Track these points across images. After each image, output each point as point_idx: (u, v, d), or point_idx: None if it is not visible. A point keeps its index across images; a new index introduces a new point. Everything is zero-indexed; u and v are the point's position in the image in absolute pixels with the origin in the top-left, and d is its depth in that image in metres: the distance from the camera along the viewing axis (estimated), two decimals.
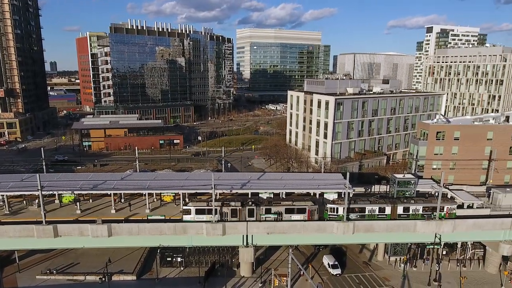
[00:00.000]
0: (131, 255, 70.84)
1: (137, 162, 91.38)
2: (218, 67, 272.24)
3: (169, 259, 69.22)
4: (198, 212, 65.07)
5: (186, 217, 64.85)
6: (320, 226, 64.54)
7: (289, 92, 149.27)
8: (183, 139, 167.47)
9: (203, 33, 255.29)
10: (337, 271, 67.80)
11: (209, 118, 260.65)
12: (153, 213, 69.00)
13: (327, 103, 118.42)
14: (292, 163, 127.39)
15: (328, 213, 66.51)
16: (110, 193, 70.21)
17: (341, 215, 65.56)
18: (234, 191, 72.06)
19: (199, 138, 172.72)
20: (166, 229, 62.46)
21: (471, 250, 74.63)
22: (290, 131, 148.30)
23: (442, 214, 68.08)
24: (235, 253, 69.78)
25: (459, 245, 74.92)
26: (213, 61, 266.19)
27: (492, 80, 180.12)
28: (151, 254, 71.84)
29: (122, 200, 75.46)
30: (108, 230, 61.00)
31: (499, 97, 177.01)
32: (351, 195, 68.33)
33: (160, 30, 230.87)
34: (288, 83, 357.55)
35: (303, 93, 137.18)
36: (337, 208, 65.75)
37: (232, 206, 65.54)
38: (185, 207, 65.75)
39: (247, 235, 64.45)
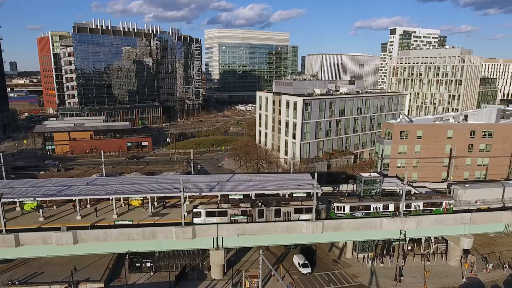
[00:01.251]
0: (98, 262, 69.07)
1: (103, 165, 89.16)
2: (186, 68, 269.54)
3: (138, 264, 67.98)
4: (209, 214, 65.03)
5: (196, 220, 64.73)
6: (289, 227, 65.27)
7: (258, 93, 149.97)
8: (152, 141, 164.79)
9: (170, 33, 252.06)
10: (307, 270, 68.82)
11: (178, 119, 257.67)
12: (121, 218, 67.63)
13: (295, 103, 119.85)
14: (262, 164, 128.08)
15: (335, 212, 68.18)
16: (75, 199, 68.22)
17: (347, 213, 67.47)
18: (203, 194, 71.86)
19: (168, 139, 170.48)
20: (135, 234, 61.34)
21: (434, 244, 77.61)
22: (260, 132, 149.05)
23: (441, 209, 71.58)
24: (206, 256, 69.52)
25: (423, 240, 77.74)
26: (181, 62, 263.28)
27: (452, 81, 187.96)
28: (120, 260, 70.33)
29: (88, 206, 73.44)
30: (73, 238, 59.25)
31: (459, 96, 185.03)
32: (319, 195, 69.52)
33: (126, 30, 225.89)
34: (258, 84, 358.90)
35: (272, 94, 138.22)
36: (344, 207, 67.70)
37: (242, 207, 65.76)
38: (195, 210, 65.50)
39: (217, 238, 64.29)
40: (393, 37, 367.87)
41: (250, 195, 71.74)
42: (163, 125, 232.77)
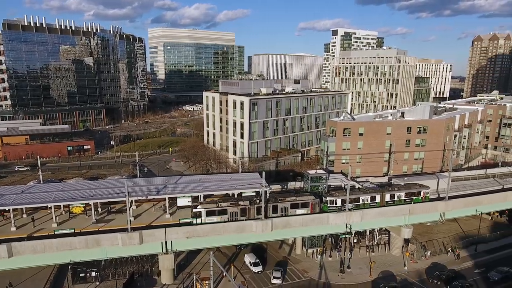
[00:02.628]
0: (38, 274, 64.67)
1: (40, 172, 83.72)
2: (130, 68, 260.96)
3: (83, 274, 64.61)
4: (209, 213, 65.09)
5: (197, 220, 64.63)
6: (239, 226, 65.31)
7: (205, 93, 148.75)
8: (95, 144, 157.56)
9: (112, 32, 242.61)
10: (259, 269, 69.32)
11: (123, 121, 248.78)
12: (61, 227, 63.86)
13: (242, 103, 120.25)
14: (211, 164, 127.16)
15: (328, 205, 71.14)
16: (9, 209, 63.42)
17: (341, 206, 70.76)
18: (150, 197, 69.94)
19: (112, 142, 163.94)
20: (77, 243, 58.20)
21: (378, 236, 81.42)
22: (208, 132, 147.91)
23: (420, 198, 76.56)
24: (155, 261, 67.71)
25: (367, 233, 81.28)
26: (124, 61, 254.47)
27: (389, 80, 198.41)
28: (62, 271, 66.41)
29: (24, 215, 68.56)
30: (7, 251, 54.98)
31: (396, 95, 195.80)
32: (267, 194, 70.27)
33: (63, 27, 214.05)
34: (205, 84, 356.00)
35: (219, 94, 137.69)
36: (336, 200, 71.02)
37: (242, 205, 66.58)
38: (195, 210, 65.22)
39: (166, 242, 62.80)
40: (335, 38, 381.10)
41: (199, 197, 70.90)
42: (107, 127, 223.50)
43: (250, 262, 70.52)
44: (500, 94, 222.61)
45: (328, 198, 71.27)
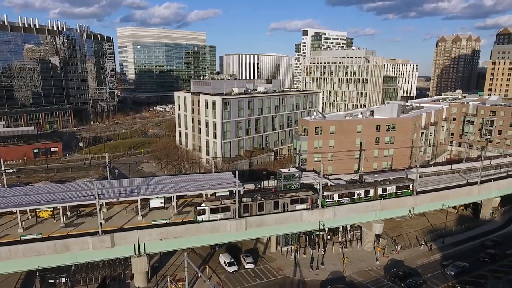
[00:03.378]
0: (3, 283, 62.07)
1: (4, 175, 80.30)
2: (98, 68, 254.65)
3: (52, 281, 62.45)
4: (213, 211, 65.44)
5: (200, 218, 64.60)
6: (213, 226, 64.98)
7: (176, 93, 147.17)
8: (63, 147, 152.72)
9: (78, 31, 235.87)
10: (234, 268, 69.16)
11: (92, 122, 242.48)
12: (28, 232, 61.47)
13: (214, 103, 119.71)
14: (184, 165, 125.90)
15: (326, 200, 73.27)
16: None
17: (336, 201, 73.35)
18: (121, 199, 68.42)
19: (81, 144, 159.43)
20: (45, 248, 56.22)
21: (351, 232, 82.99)
22: (180, 132, 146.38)
23: (409, 191, 79.92)
24: (128, 264, 66.37)
25: (340, 229, 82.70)
26: (92, 61, 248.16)
27: (359, 79, 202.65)
28: (29, 279, 63.96)
29: None
30: None
31: (365, 94, 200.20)
32: (241, 193, 70.26)
33: (26, 26, 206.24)
34: (176, 84, 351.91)
35: (190, 93, 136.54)
36: (333, 195, 73.65)
37: (244, 202, 67.13)
38: (198, 207, 65.17)
39: (138, 244, 61.65)
40: (306, 38, 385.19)
41: (172, 198, 70.04)
42: (75, 128, 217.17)
43: (225, 262, 70.27)
44: (463, 93, 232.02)
45: (326, 193, 73.38)
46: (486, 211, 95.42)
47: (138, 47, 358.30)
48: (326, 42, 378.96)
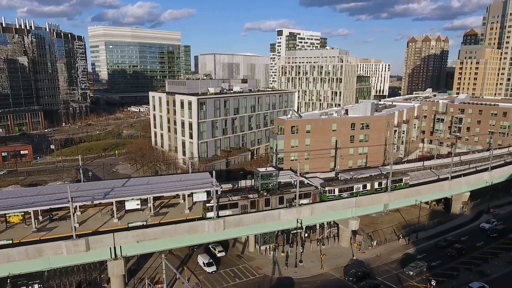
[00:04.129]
0: None
1: None
2: (69, 67, 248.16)
3: (24, 287, 60.53)
4: (222, 207, 66.85)
5: (209, 214, 65.45)
6: (191, 227, 64.49)
7: (151, 93, 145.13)
8: (33, 149, 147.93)
9: (48, 30, 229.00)
10: (212, 269, 68.92)
11: (64, 123, 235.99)
12: None
13: (190, 103, 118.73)
14: (160, 166, 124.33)
15: (327, 195, 76.23)
16: None
17: (337, 195, 76.40)
18: (96, 202, 66.95)
19: (52, 146, 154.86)
20: (16, 254, 54.31)
21: (328, 229, 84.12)
22: (155, 133, 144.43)
23: (401, 185, 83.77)
24: (104, 268, 65.00)
25: (317, 227, 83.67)
26: (63, 61, 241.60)
27: (333, 79, 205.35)
28: (0, 286, 61.75)
29: None
30: None
31: (340, 93, 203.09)
32: (219, 193, 70.11)
33: None
34: (150, 84, 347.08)
35: (166, 94, 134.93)
36: (334, 189, 76.62)
37: (251, 198, 69.65)
38: (208, 204, 66.21)
39: (115, 247, 60.47)
40: (280, 38, 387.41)
41: (148, 199, 69.09)
42: (46, 130, 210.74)
43: (203, 263, 69.92)
44: (433, 92, 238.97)
45: (327, 188, 76.33)
46: (457, 206, 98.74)
47: (111, 46, 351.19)
48: (301, 42, 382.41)
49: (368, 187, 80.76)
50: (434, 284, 62.16)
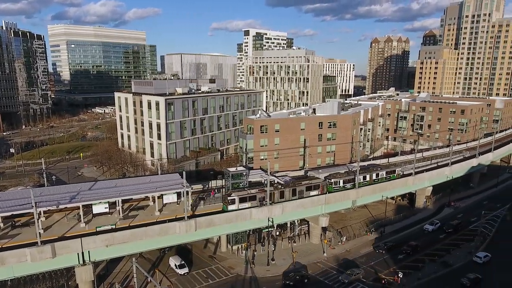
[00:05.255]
0: None
1: None
2: (28, 68, 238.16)
3: None
4: (242, 200, 70.55)
5: (231, 207, 69.34)
6: (162, 229, 63.61)
7: (116, 94, 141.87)
8: None
9: (4, 28, 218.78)
10: (185, 270, 68.29)
11: (24, 126, 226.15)
12: None
13: (157, 103, 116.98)
14: (128, 168, 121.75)
15: (333, 186, 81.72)
16: None
17: (341, 186, 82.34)
18: (62, 206, 64.76)
19: (12, 150, 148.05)
20: None
21: (298, 227, 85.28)
22: (122, 135, 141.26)
23: (395, 176, 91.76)
24: (72, 275, 62.98)
25: (288, 225, 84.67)
26: (21, 61, 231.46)
27: (300, 78, 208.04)
28: None
29: None
30: None
31: (307, 92, 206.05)
32: (189, 194, 69.58)
33: None
34: (115, 84, 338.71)
35: (132, 94, 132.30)
36: (339, 181, 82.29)
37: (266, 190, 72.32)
38: (229, 197, 69.88)
39: (83, 252, 58.70)
40: (247, 38, 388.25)
41: (117, 202, 67.56)
42: (4, 134, 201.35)
43: (175, 265, 69.16)
44: (396, 91, 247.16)
45: (332, 180, 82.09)
46: (421, 200, 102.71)
47: (73, 46, 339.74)
48: (268, 42, 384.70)
49: (368, 178, 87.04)
50: (401, 276, 64.58)
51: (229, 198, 70.17)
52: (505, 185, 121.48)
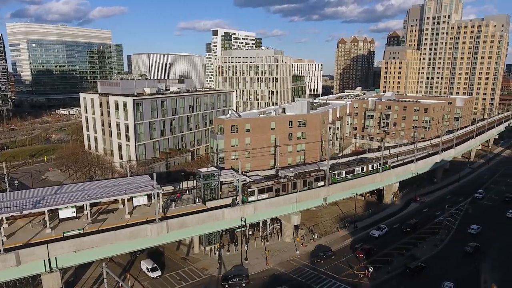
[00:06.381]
0: None
1: None
2: None
3: None
4: (260, 191, 75.89)
5: (251, 198, 74.29)
6: (133, 233, 62.34)
7: (82, 95, 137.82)
8: None
9: None
10: (157, 274, 67.13)
11: None
12: None
13: (125, 104, 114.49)
14: (95, 171, 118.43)
15: (337, 177, 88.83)
16: None
17: (344, 177, 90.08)
18: (25, 212, 62.26)
19: None
20: None
21: (271, 226, 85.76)
22: (89, 137, 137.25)
23: (386, 167, 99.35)
24: (38, 282, 60.61)
25: (261, 224, 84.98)
26: None
27: (270, 78, 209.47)
28: None
29: None
30: None
31: (277, 92, 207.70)
32: (160, 195, 68.57)
33: None
34: (81, 85, 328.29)
35: (98, 95, 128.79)
36: (342, 172, 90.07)
37: (282, 182, 79.30)
38: (249, 189, 74.55)
39: (49, 259, 56.60)
40: (216, 38, 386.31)
41: (84, 206, 65.63)
42: None
43: (147, 268, 67.91)
44: (362, 90, 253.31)
45: (336, 171, 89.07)
46: (388, 196, 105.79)
47: (34, 45, 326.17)
48: (236, 42, 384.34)
49: (365, 169, 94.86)
50: (371, 271, 66.29)
51: (249, 189, 74.63)
52: (467, 180, 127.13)
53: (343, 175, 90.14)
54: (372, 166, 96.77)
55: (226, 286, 64.43)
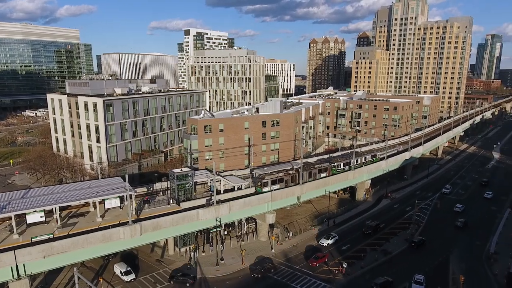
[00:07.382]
0: None
1: None
2: None
3: None
4: (273, 183, 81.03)
5: (265, 189, 79.29)
6: (105, 236, 60.94)
7: (49, 96, 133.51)
8: None
9: None
10: (131, 277, 65.90)
11: None
12: None
13: (95, 105, 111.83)
14: (64, 174, 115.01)
15: (336, 169, 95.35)
16: None
17: (342, 169, 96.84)
18: None
19: None
20: None
21: (246, 225, 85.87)
22: (57, 139, 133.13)
23: (376, 159, 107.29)
24: None
25: (236, 223, 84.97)
26: None
27: (243, 78, 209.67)
28: None
29: None
30: None
31: (250, 92, 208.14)
32: (133, 197, 67.41)
33: None
34: (48, 86, 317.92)
35: (66, 95, 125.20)
36: (340, 164, 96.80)
37: (291, 173, 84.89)
38: (263, 180, 79.80)
39: (17, 266, 54.58)
40: (188, 38, 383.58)
41: (53, 210, 63.67)
42: None
43: (121, 272, 66.55)
44: (334, 90, 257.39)
45: (335, 164, 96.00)
46: (361, 193, 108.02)
47: None
48: (209, 42, 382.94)
49: (359, 161, 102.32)
50: (345, 266, 67.55)
51: (263, 181, 79.29)
52: (435, 176, 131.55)
53: (341, 167, 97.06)
54: (365, 158, 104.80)
55: (172, 282, 65.41)
